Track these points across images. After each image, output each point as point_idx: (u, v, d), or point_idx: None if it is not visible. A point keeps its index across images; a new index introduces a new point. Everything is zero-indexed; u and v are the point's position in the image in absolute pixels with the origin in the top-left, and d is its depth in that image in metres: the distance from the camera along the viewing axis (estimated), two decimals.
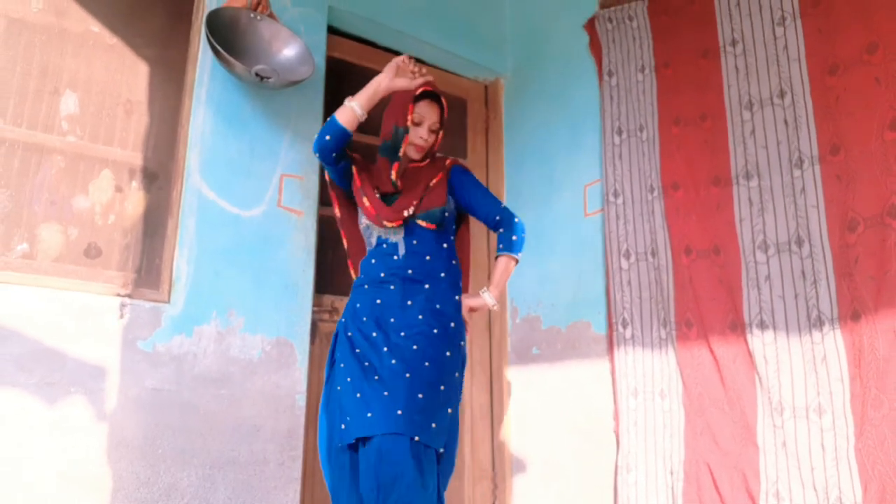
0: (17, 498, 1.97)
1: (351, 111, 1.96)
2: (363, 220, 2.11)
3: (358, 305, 2.05)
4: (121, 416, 2.16)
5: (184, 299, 2.33)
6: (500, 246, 2.11)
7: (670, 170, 2.58)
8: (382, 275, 2.04)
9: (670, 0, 2.68)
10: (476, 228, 3.33)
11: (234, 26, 2.52)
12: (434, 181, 2.08)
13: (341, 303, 2.82)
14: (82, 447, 2.09)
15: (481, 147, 3.46)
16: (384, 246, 2.06)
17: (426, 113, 2.08)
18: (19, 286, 2.09)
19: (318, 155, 2.04)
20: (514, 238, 2.10)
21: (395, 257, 2.04)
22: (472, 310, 2.09)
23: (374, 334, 1.96)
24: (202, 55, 2.53)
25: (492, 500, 3.06)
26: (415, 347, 1.91)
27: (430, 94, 2.09)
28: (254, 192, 2.56)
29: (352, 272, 2.24)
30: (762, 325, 2.21)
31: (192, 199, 2.42)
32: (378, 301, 2.01)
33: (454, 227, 2.18)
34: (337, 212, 2.23)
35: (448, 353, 1.96)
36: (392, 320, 1.98)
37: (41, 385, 2.05)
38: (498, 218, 2.12)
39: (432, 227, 2.05)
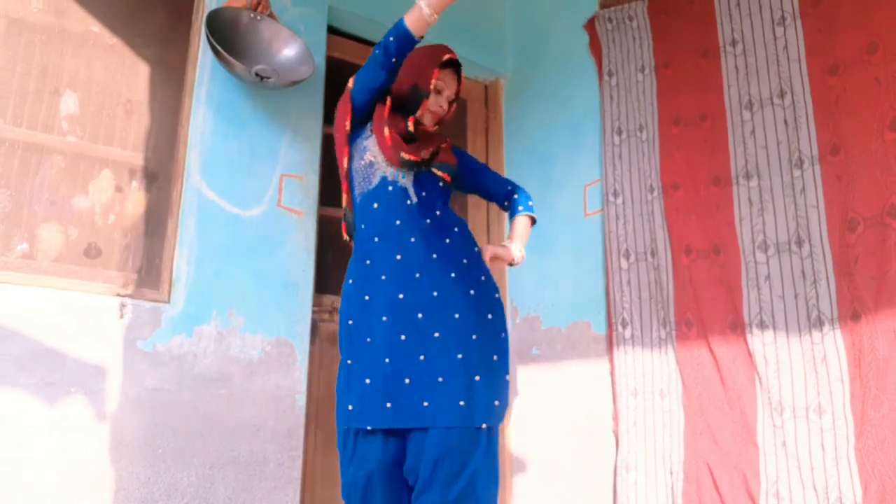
0: (17, 498, 1.97)
1: (419, 12, 1.74)
2: (365, 157, 1.89)
3: (368, 262, 1.80)
4: (121, 416, 2.16)
5: (184, 299, 2.33)
6: (519, 208, 2.06)
7: (670, 170, 2.58)
8: (398, 223, 1.81)
9: (670, 0, 2.68)
10: (474, 228, 3.33)
11: (234, 26, 2.52)
12: (444, 145, 1.98)
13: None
14: (82, 447, 2.09)
15: (481, 147, 3.46)
16: (389, 188, 1.85)
17: (448, 82, 1.98)
18: (19, 286, 2.09)
19: (379, 60, 1.82)
20: (529, 202, 2.07)
21: (409, 202, 1.84)
22: (494, 258, 1.92)
23: (401, 296, 1.73)
24: (202, 55, 2.53)
25: None
26: (456, 316, 1.72)
27: (454, 64, 1.99)
28: (254, 192, 2.56)
29: (346, 236, 1.99)
30: (762, 325, 2.21)
31: (192, 199, 2.42)
32: (398, 257, 1.77)
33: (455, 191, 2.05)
34: (344, 160, 1.94)
35: (490, 316, 1.78)
36: (418, 276, 1.75)
37: (41, 385, 2.05)
38: (510, 187, 2.10)
39: (447, 178, 1.91)
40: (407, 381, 1.67)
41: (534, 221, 2.10)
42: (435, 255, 1.78)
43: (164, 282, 2.34)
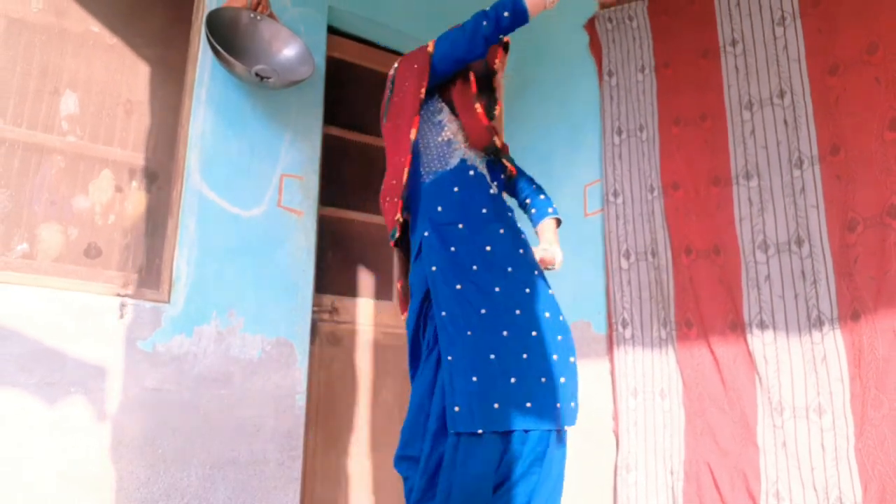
0: (17, 498, 1.97)
1: None
2: (443, 134, 1.79)
3: (453, 249, 1.67)
4: (121, 416, 2.16)
5: (184, 299, 2.33)
6: (549, 209, 1.95)
7: (670, 170, 2.58)
8: (485, 210, 1.73)
9: (670, 0, 2.68)
10: None
11: (234, 26, 2.52)
12: None
13: (341, 303, 2.82)
14: (82, 447, 2.09)
15: None
16: (470, 173, 1.76)
17: (503, 63, 1.97)
18: (19, 286, 2.09)
19: (485, 32, 1.75)
20: (554, 205, 1.96)
21: (491, 191, 1.76)
22: (541, 262, 1.80)
23: (498, 289, 1.64)
24: (202, 55, 2.54)
25: None
26: (547, 315, 1.67)
27: (508, 47, 1.99)
28: (254, 192, 2.56)
29: (388, 214, 1.82)
30: (762, 325, 2.21)
31: (192, 199, 2.42)
32: (488, 248, 1.68)
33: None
34: (413, 130, 1.78)
35: (561, 318, 1.73)
36: (510, 269, 1.67)
37: (41, 385, 2.05)
38: (535, 185, 2.01)
39: (514, 171, 1.89)
40: (512, 380, 1.58)
41: (559, 224, 1.99)
42: (522, 251, 1.73)
43: (164, 282, 2.34)
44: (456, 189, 1.73)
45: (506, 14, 1.73)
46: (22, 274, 2.12)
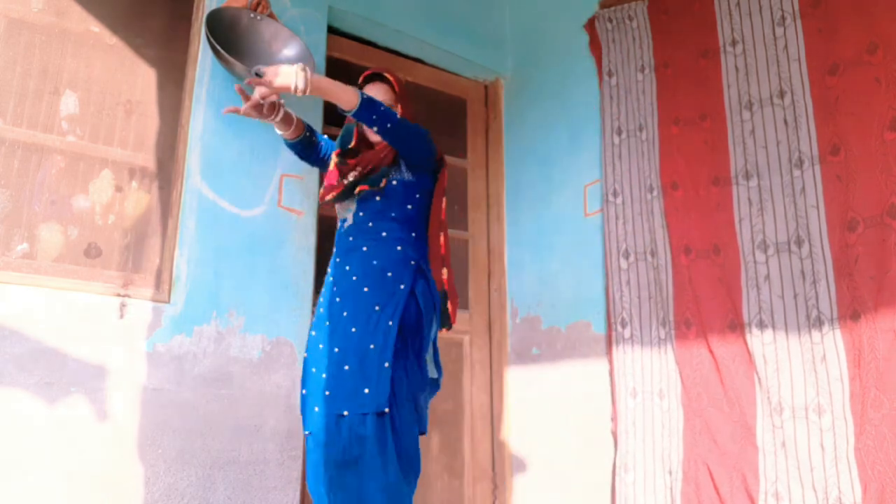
0: (16, 498, 1.97)
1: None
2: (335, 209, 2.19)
3: (331, 279, 2.09)
4: (121, 416, 2.16)
5: (184, 299, 2.34)
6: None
7: (670, 170, 2.58)
8: (335, 250, 2.11)
9: (670, 0, 2.68)
10: (474, 228, 3.33)
11: (234, 26, 2.52)
12: (389, 149, 2.08)
13: None
14: (82, 447, 2.09)
15: (481, 147, 3.46)
16: (344, 224, 2.12)
17: (375, 93, 2.09)
18: (19, 286, 2.09)
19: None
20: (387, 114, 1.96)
21: (349, 223, 2.09)
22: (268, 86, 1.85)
23: (321, 310, 2.03)
24: (202, 55, 2.53)
25: (492, 500, 3.06)
26: (344, 314, 1.94)
27: (373, 77, 2.13)
28: (254, 192, 2.56)
29: None
30: (761, 325, 2.21)
31: (192, 199, 2.42)
32: (331, 278, 2.07)
33: (413, 198, 2.09)
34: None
35: (377, 307, 1.92)
36: (335, 289, 2.02)
37: (41, 385, 2.05)
38: None
39: (377, 188, 2.02)
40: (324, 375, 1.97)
41: (365, 103, 1.90)
42: (348, 268, 2.01)
43: (164, 282, 2.34)
44: (338, 237, 2.16)
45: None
46: (22, 274, 2.12)
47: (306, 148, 2.20)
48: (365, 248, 2.02)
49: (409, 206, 2.07)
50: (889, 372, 1.89)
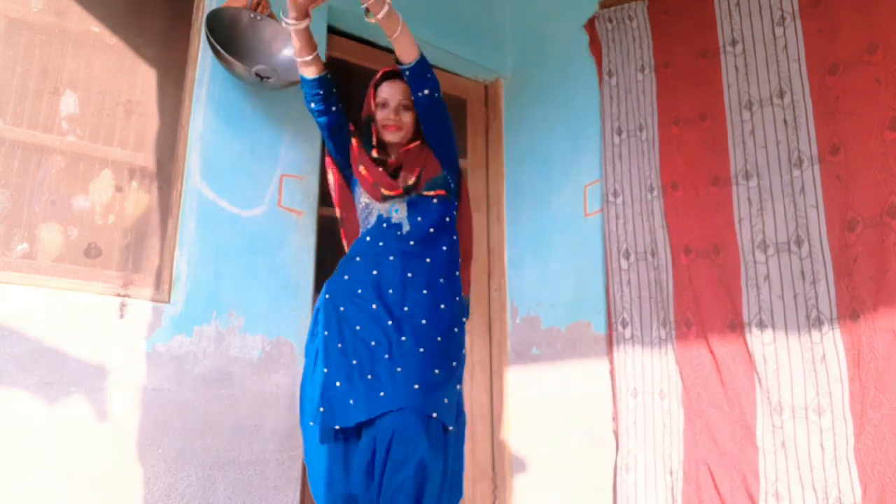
0: (16, 498, 1.97)
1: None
2: (362, 200, 2.04)
3: (346, 277, 1.96)
4: (121, 416, 2.16)
5: (184, 299, 2.34)
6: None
7: (670, 170, 2.58)
8: (381, 244, 1.96)
9: (670, 0, 2.68)
10: (474, 228, 3.33)
11: (234, 26, 2.52)
12: (430, 157, 2.05)
13: None
14: (82, 447, 2.09)
15: (481, 147, 3.46)
16: (384, 225, 1.98)
17: (392, 92, 2.05)
18: (19, 286, 2.09)
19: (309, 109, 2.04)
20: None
21: (399, 233, 1.96)
22: None
23: (374, 306, 1.88)
24: (202, 55, 2.53)
25: (492, 500, 3.06)
26: (423, 322, 1.85)
27: (391, 74, 2.08)
28: (254, 192, 2.56)
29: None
30: (761, 325, 2.21)
31: (192, 199, 2.42)
32: (374, 272, 1.93)
33: (456, 202, 2.11)
34: (337, 208, 2.19)
35: (456, 330, 1.91)
36: (391, 291, 1.89)
37: (41, 385, 2.05)
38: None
39: (442, 192, 1.99)
40: (369, 377, 1.85)
41: (424, 60, 1.96)
42: (410, 275, 1.91)
43: (164, 282, 2.34)
44: (368, 239, 2.00)
45: (303, 90, 2.05)
46: (22, 274, 2.12)
47: (324, 87, 2.01)
48: (429, 260, 1.94)
49: (454, 212, 2.06)
50: (888, 372, 1.89)
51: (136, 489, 2.15)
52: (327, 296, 1.98)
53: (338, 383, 1.82)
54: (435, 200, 2.00)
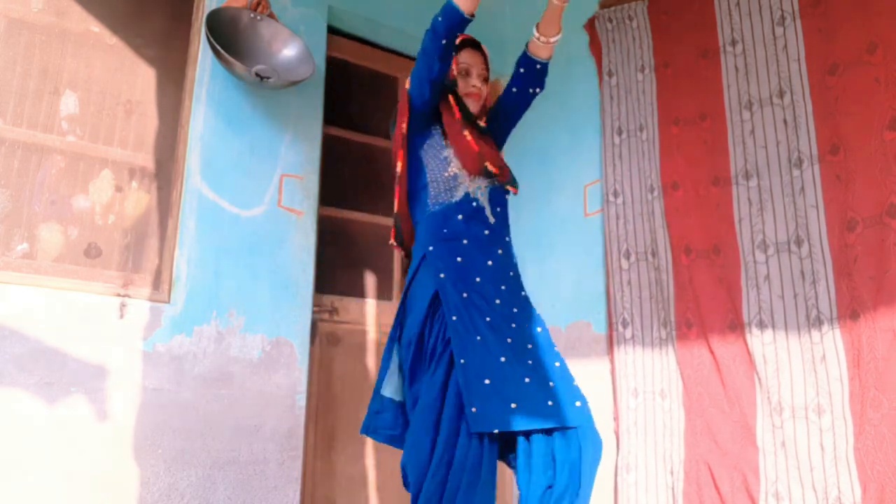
0: (16, 498, 1.97)
1: None
2: (449, 169, 1.81)
3: (459, 259, 1.73)
4: (121, 416, 2.16)
5: (184, 299, 2.34)
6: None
7: (670, 170, 2.58)
8: (487, 232, 1.79)
9: (670, 0, 2.68)
10: None
11: (234, 26, 2.53)
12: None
13: (341, 303, 2.82)
14: (82, 447, 2.09)
15: None
16: (473, 205, 1.80)
17: (471, 61, 1.94)
18: (19, 286, 2.09)
19: (428, 47, 1.74)
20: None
21: (492, 220, 1.81)
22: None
23: (498, 301, 1.71)
24: (202, 55, 2.54)
25: None
26: (539, 330, 1.73)
27: (471, 42, 1.97)
28: (254, 192, 2.56)
29: (393, 241, 1.92)
30: (761, 325, 2.21)
31: (192, 199, 2.42)
32: (490, 262, 1.75)
33: None
34: (399, 164, 1.86)
35: (539, 330, 1.78)
36: (503, 287, 1.74)
37: (41, 385, 2.06)
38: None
39: (515, 191, 1.89)
40: (527, 380, 1.61)
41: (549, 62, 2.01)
42: (512, 273, 1.81)
43: (164, 282, 2.34)
44: (460, 217, 1.79)
45: (439, 19, 1.73)
46: (22, 274, 2.12)
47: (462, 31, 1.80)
48: (500, 252, 1.80)
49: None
50: (888, 372, 1.89)
51: (136, 489, 2.15)
52: (442, 276, 1.71)
53: (487, 381, 1.60)
54: (507, 196, 1.90)
